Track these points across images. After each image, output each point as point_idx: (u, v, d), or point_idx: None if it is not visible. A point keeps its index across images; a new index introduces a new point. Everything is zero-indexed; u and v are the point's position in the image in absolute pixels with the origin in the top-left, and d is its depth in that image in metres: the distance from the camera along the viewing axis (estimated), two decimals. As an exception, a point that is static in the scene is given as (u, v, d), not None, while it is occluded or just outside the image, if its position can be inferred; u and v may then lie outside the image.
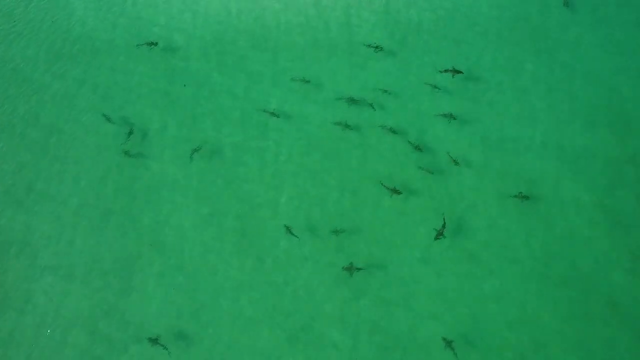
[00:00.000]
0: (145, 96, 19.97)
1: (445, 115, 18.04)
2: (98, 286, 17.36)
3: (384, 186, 17.30)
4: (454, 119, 17.94)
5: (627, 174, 16.78)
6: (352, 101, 18.65)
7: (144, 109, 19.71)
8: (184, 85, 19.91)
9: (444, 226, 16.38)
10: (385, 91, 18.74)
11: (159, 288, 17.16)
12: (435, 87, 18.49)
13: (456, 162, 17.32)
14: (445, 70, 18.44)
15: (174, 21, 21.11)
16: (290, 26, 20.40)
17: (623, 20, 18.73)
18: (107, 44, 21.17)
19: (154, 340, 16.22)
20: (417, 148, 17.69)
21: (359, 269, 16.42)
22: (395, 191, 17.10)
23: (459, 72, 18.24)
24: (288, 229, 17.08)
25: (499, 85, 18.48)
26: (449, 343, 15.33)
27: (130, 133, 18.99)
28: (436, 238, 16.31)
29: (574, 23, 18.94)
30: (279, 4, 20.88)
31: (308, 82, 19.16)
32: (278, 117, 18.83)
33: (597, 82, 18.00)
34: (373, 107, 18.47)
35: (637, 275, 15.59)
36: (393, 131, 18.07)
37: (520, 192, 16.86)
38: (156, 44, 20.25)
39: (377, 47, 19.25)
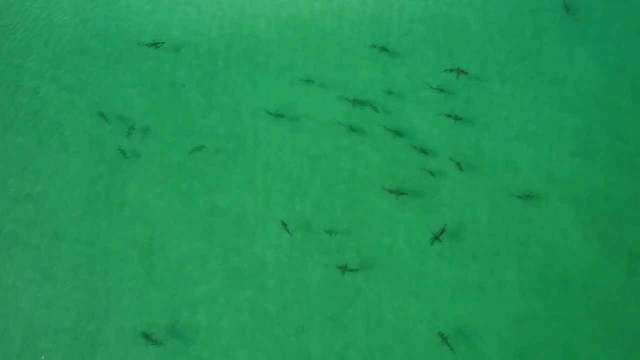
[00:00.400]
0: (143, 95, 19.84)
1: (448, 116, 18.06)
2: (95, 284, 17.36)
3: (387, 190, 17.33)
4: (459, 119, 17.95)
5: (626, 172, 16.98)
6: (354, 101, 18.63)
7: (143, 108, 19.60)
8: (184, 85, 19.83)
9: (442, 230, 16.47)
10: (387, 91, 18.75)
11: (156, 286, 17.17)
12: (439, 87, 18.49)
13: (458, 164, 17.38)
14: (450, 70, 18.46)
15: (172, 20, 20.99)
16: (290, 25, 20.34)
17: (621, 22, 18.94)
18: (105, 42, 21.00)
19: (148, 337, 16.31)
20: (418, 148, 17.73)
21: (351, 270, 16.48)
22: (399, 193, 17.13)
23: (463, 72, 18.26)
24: (284, 225, 17.10)
25: (500, 85, 18.55)
26: (444, 339, 15.48)
27: (132, 128, 18.94)
28: (432, 242, 16.43)
29: (572, 21, 19.13)
30: (278, 2, 20.88)
31: (310, 82, 19.14)
32: (278, 116, 18.80)
33: (595, 82, 18.17)
34: (375, 108, 18.45)
35: (636, 274, 15.78)
36: (394, 131, 18.09)
37: (520, 192, 16.98)
38: (162, 43, 20.09)
39: (380, 47, 19.18)
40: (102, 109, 19.61)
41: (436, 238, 16.39)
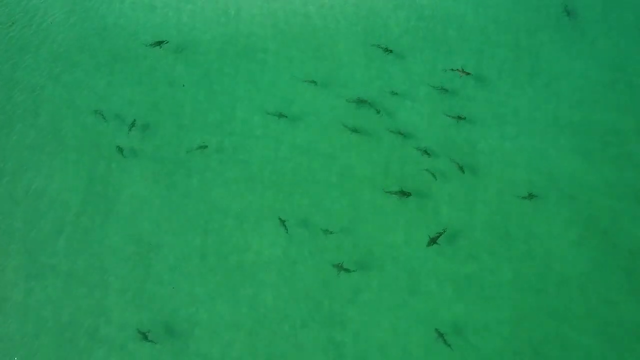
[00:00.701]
0: (142, 93, 19.77)
1: (447, 115, 18.07)
2: (94, 280, 17.32)
3: (387, 192, 17.31)
4: (459, 118, 17.97)
5: (626, 172, 17.03)
6: (353, 100, 18.60)
7: (141, 107, 19.53)
8: (183, 85, 19.75)
9: (440, 234, 16.48)
10: (386, 90, 18.73)
11: (155, 283, 17.14)
12: (438, 86, 18.52)
13: (457, 164, 17.38)
14: (453, 70, 18.47)
15: (171, 19, 20.93)
16: (289, 23, 20.33)
17: (620, 21, 19.01)
18: (103, 39, 20.91)
19: (147, 334, 16.29)
20: (417, 148, 17.73)
21: (346, 270, 16.44)
22: (401, 193, 17.11)
23: (466, 73, 18.27)
24: (282, 223, 17.07)
25: (499, 84, 18.59)
26: (441, 335, 15.53)
27: (132, 125, 18.87)
28: (429, 244, 16.41)
29: (571, 20, 19.19)
30: (279, 3, 20.85)
31: (309, 80, 19.07)
32: (277, 115, 18.76)
33: (593, 80, 18.23)
34: (374, 106, 18.40)
35: (636, 273, 15.82)
36: (393, 130, 18.11)
37: (520, 191, 17.01)
38: (166, 42, 19.96)
39: (379, 46, 19.18)
40: (100, 107, 19.53)
41: (433, 241, 16.39)
